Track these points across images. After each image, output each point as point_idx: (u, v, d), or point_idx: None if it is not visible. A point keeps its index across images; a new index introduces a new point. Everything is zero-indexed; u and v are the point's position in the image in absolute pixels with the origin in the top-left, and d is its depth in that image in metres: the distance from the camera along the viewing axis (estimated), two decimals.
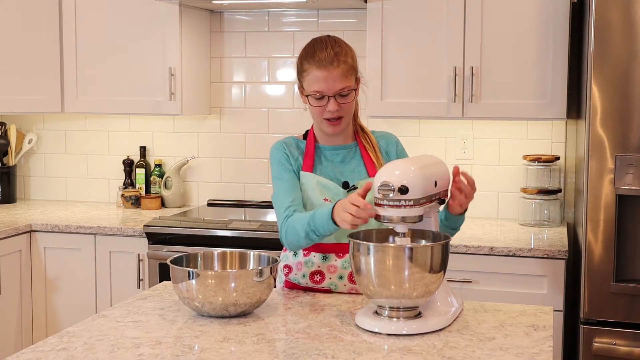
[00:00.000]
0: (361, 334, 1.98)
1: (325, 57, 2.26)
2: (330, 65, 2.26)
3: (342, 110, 2.30)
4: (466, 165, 3.87)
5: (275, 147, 2.42)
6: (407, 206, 1.98)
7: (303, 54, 2.33)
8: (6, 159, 4.37)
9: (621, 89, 2.87)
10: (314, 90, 2.28)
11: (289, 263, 2.42)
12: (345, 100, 2.30)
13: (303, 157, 2.39)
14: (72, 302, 3.74)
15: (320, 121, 2.34)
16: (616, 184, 2.90)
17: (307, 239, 2.22)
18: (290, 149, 2.40)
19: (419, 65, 3.55)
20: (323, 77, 2.26)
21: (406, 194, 1.96)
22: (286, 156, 2.38)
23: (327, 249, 2.36)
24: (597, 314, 2.96)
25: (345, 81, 2.28)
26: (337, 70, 2.26)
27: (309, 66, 2.29)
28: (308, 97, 2.31)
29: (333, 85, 2.26)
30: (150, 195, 4.18)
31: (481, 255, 3.22)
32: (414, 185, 1.96)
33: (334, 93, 2.27)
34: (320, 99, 2.29)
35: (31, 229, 3.74)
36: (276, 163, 2.39)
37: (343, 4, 3.80)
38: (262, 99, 4.16)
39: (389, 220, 2.00)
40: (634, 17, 2.84)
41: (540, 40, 3.41)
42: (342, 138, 2.42)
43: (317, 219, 2.17)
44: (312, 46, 2.32)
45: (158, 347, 1.87)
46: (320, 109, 2.30)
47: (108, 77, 3.98)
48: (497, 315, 2.16)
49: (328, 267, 2.37)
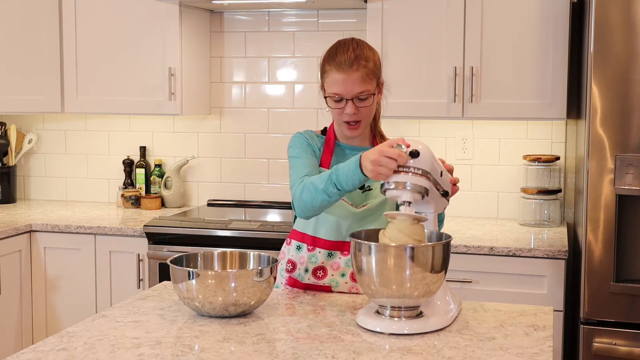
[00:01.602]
0: (361, 334, 1.98)
1: (346, 60, 2.25)
2: (349, 68, 2.25)
3: (360, 114, 2.29)
4: (466, 165, 3.88)
5: (297, 135, 2.40)
6: (415, 174, 1.99)
7: (326, 55, 2.32)
8: (6, 159, 4.37)
9: (621, 89, 2.87)
10: (333, 92, 2.28)
11: (293, 258, 2.42)
12: (363, 104, 2.28)
13: (322, 151, 2.39)
14: (72, 302, 3.74)
15: (340, 123, 2.35)
16: (616, 184, 2.90)
17: (325, 194, 2.13)
18: (312, 140, 2.40)
19: (419, 65, 3.56)
20: (342, 79, 2.25)
21: (416, 158, 1.98)
22: (309, 143, 2.37)
23: (332, 247, 2.37)
24: (597, 314, 2.96)
25: (364, 85, 2.26)
26: (357, 74, 2.25)
27: (329, 68, 2.28)
28: (327, 99, 2.31)
29: (352, 88, 2.26)
30: (150, 195, 4.18)
31: (481, 255, 3.22)
32: (424, 154, 1.99)
33: (352, 96, 2.26)
34: (338, 102, 2.29)
35: (31, 229, 3.74)
36: (298, 145, 2.36)
37: (343, 4, 3.80)
38: (262, 99, 4.17)
39: (395, 186, 2.00)
40: (634, 17, 2.84)
41: (540, 40, 3.41)
42: (359, 140, 2.42)
43: (341, 171, 2.11)
44: (335, 48, 2.31)
45: (158, 347, 1.87)
46: (339, 111, 2.30)
47: (108, 77, 3.98)
48: (497, 315, 2.16)
49: (331, 264, 2.38)
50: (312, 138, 2.41)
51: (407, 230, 1.99)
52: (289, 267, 2.43)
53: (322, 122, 3.95)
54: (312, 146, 2.38)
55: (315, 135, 2.44)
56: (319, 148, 2.39)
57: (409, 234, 1.99)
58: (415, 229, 2.00)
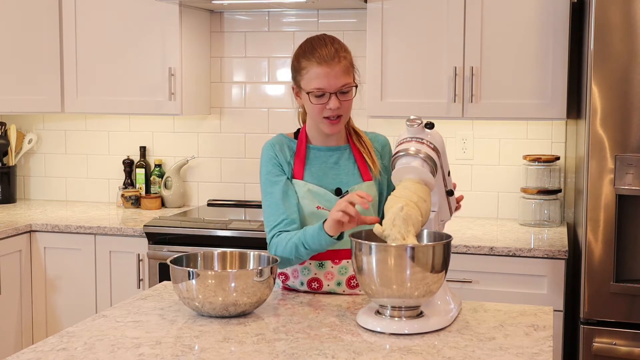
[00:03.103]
0: (361, 334, 1.98)
1: (327, 54, 2.22)
2: (331, 61, 2.22)
3: (342, 107, 2.26)
4: (466, 165, 3.88)
5: (265, 151, 2.37)
6: (428, 146, 2.03)
7: (300, 52, 2.29)
8: (6, 159, 4.37)
9: (621, 89, 2.87)
10: (315, 88, 2.24)
11: (285, 270, 2.40)
12: (345, 98, 2.26)
13: (294, 160, 2.35)
14: (72, 302, 3.74)
15: (320, 120, 2.29)
16: (616, 184, 2.90)
17: (297, 253, 2.20)
18: (281, 151, 2.35)
19: (419, 65, 3.55)
20: (324, 73, 2.22)
21: (431, 130, 2.04)
22: (276, 162, 2.34)
23: (321, 257, 2.33)
24: (597, 314, 2.96)
25: (346, 77, 2.24)
26: (339, 67, 2.23)
27: (308, 63, 2.25)
28: (309, 95, 2.26)
29: (335, 81, 2.23)
30: (150, 195, 4.18)
31: (481, 255, 3.22)
32: (436, 132, 2.07)
33: (336, 90, 2.23)
34: (320, 97, 2.25)
35: (31, 229, 3.74)
36: (266, 169, 2.35)
37: (343, 4, 3.80)
38: (262, 99, 4.16)
39: (406, 153, 2.03)
40: (634, 17, 2.84)
41: (540, 40, 3.41)
42: (335, 139, 2.38)
43: (308, 232, 2.17)
44: (310, 43, 2.28)
45: (158, 347, 1.87)
46: (320, 107, 2.26)
47: (108, 77, 3.98)
48: (497, 315, 2.16)
49: (325, 274, 2.35)
50: (281, 148, 2.35)
51: (413, 188, 2.00)
52: (282, 279, 2.41)
53: None
54: (280, 165, 2.34)
55: (287, 140, 2.38)
56: (288, 161, 2.34)
57: (414, 191, 1.99)
58: (421, 189, 2.01)
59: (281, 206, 2.29)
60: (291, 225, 2.27)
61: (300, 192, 2.31)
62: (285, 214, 2.28)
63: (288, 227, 2.27)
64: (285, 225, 2.27)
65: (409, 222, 1.95)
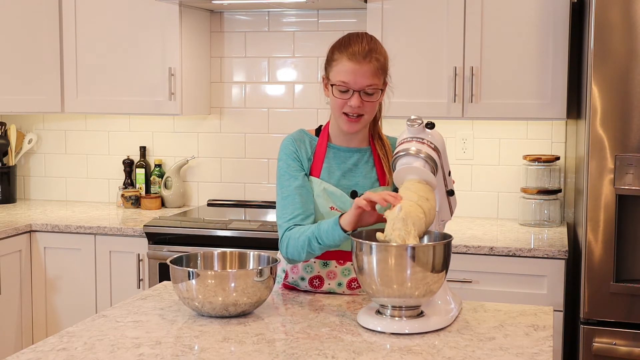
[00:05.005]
0: (361, 334, 1.98)
1: (359, 51, 2.21)
2: (362, 59, 2.20)
3: (363, 107, 2.23)
4: (466, 165, 3.88)
5: (285, 145, 2.35)
6: (429, 146, 2.04)
7: (336, 44, 2.27)
8: (6, 159, 4.37)
9: (621, 89, 2.87)
10: (340, 81, 2.22)
11: (286, 268, 2.40)
12: (369, 99, 2.24)
13: (313, 157, 2.34)
14: (72, 302, 3.74)
15: (339, 115, 2.27)
16: (616, 184, 2.90)
17: (309, 247, 2.19)
18: (302, 147, 2.33)
19: (419, 65, 3.55)
20: (352, 69, 2.20)
21: (432, 129, 2.05)
22: (296, 157, 2.32)
23: (327, 256, 2.33)
24: (597, 314, 2.96)
25: (374, 79, 2.22)
26: (368, 66, 2.21)
27: (340, 56, 2.22)
28: (333, 87, 2.23)
29: (361, 79, 2.20)
30: (150, 195, 4.18)
31: (481, 255, 3.22)
32: (437, 132, 2.08)
33: (360, 88, 2.21)
34: (344, 92, 2.22)
35: (31, 229, 3.73)
36: (285, 163, 2.32)
37: (343, 4, 3.80)
38: (262, 99, 4.16)
39: (406, 153, 2.03)
40: (634, 17, 2.84)
41: (540, 40, 3.41)
42: (357, 140, 2.36)
43: (322, 226, 2.16)
44: (348, 38, 2.26)
45: (158, 347, 1.87)
46: (342, 102, 2.23)
47: (108, 77, 3.98)
48: (497, 315, 2.16)
49: (327, 273, 2.35)
50: (302, 144, 2.34)
51: (414, 187, 2.00)
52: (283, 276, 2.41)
53: (322, 122, 3.94)
54: (300, 159, 2.32)
55: (308, 137, 2.37)
56: (308, 157, 2.33)
57: (415, 191, 1.99)
58: (423, 188, 2.01)
59: (298, 200, 2.28)
60: (306, 220, 2.26)
61: (316, 190, 2.30)
62: (301, 209, 2.27)
63: (303, 222, 2.26)
64: (301, 220, 2.26)
65: (409, 221, 1.95)
